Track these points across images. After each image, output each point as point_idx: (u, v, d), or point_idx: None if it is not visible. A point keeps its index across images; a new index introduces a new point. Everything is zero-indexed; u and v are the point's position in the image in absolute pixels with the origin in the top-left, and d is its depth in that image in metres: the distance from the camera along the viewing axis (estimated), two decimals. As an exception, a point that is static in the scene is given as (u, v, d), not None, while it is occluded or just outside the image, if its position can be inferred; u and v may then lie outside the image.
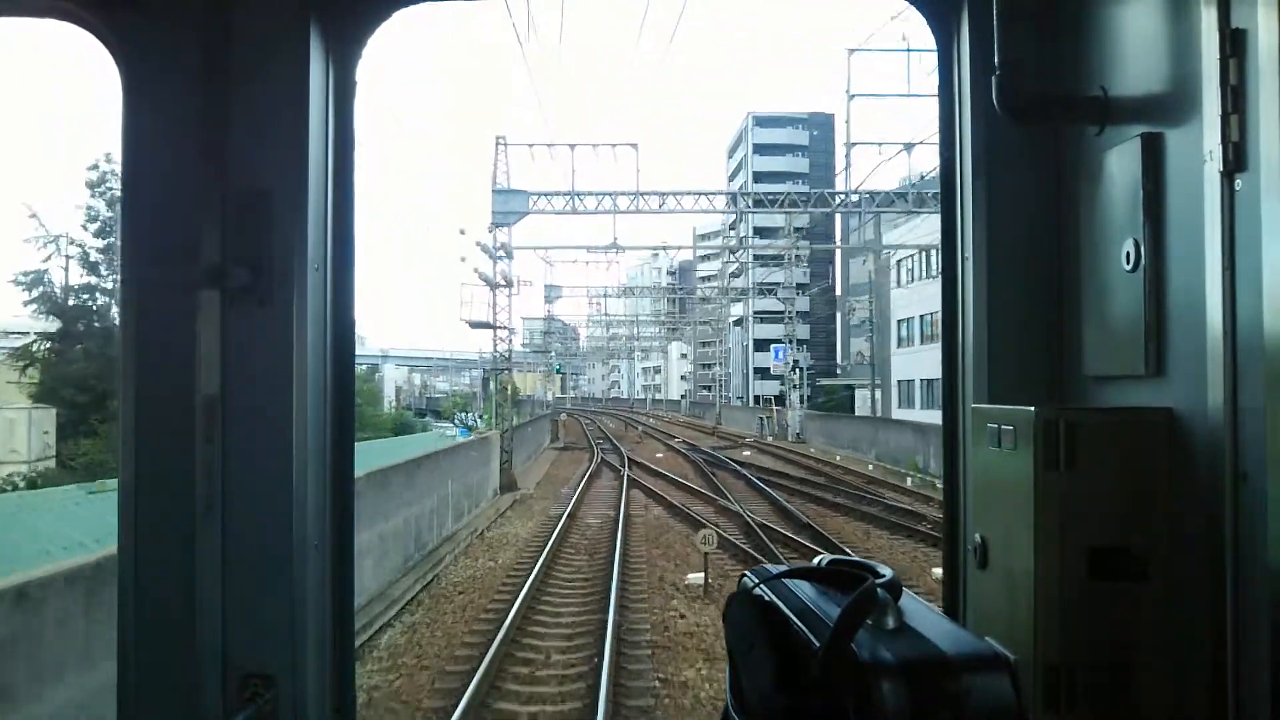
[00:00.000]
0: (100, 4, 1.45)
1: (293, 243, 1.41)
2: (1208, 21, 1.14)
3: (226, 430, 1.39)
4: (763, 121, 74.17)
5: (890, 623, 1.00)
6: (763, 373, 69.83)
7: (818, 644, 0.99)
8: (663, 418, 67.80)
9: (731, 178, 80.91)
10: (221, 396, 1.39)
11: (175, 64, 1.41)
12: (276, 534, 1.40)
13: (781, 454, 29.90)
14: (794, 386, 38.33)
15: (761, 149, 73.13)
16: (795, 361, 38.96)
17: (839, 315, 61.85)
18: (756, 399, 68.00)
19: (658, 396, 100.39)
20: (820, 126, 72.11)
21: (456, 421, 37.13)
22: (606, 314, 46.25)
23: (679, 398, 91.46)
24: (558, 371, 64.45)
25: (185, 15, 1.41)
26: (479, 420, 36.97)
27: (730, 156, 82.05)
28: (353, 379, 1.60)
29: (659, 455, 29.49)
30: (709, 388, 78.80)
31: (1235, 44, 1.11)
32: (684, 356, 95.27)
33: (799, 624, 1.06)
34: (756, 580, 1.17)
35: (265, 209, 1.41)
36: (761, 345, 69.28)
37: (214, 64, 1.41)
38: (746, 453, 30.28)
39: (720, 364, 66.76)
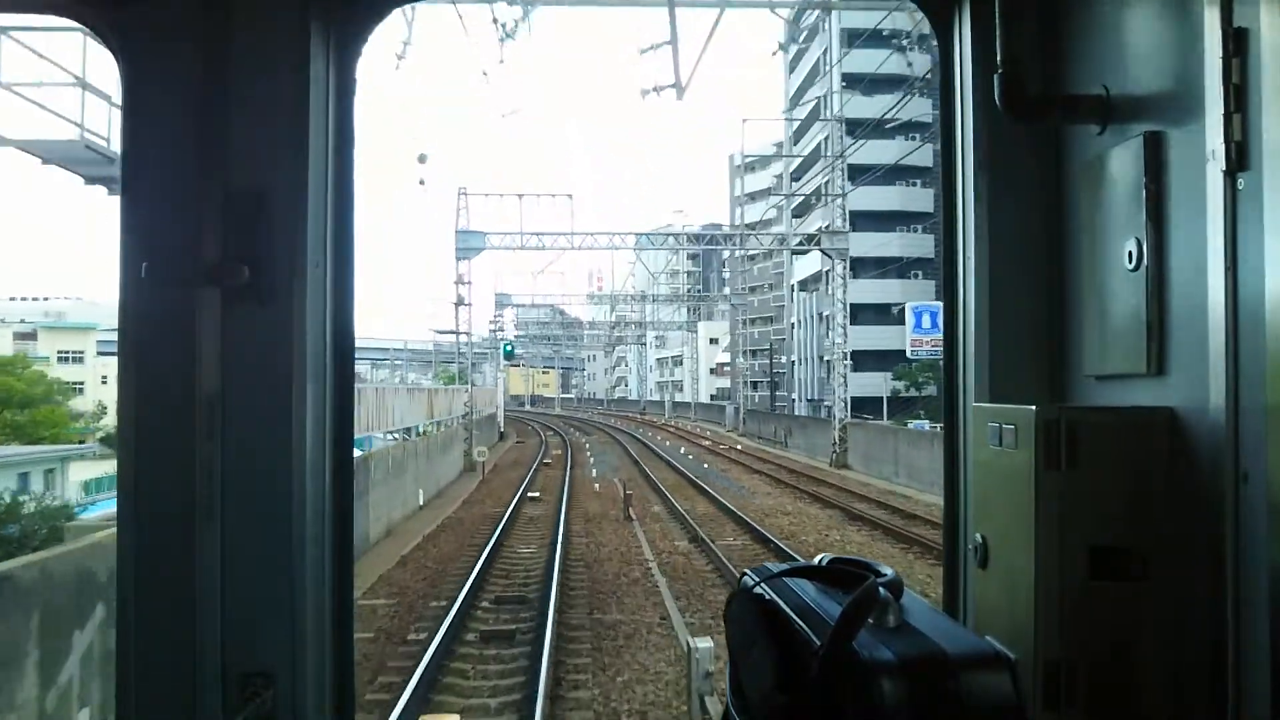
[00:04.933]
0: (101, 2, 1.92)
1: (293, 241, 1.91)
2: (1210, 20, 1.56)
3: (226, 429, 1.88)
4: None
5: (891, 621, 1.36)
6: (866, 359, 55.98)
7: (819, 643, 1.33)
8: (703, 440, 53.66)
9: (795, 86, 76.18)
10: (221, 395, 1.88)
11: (175, 62, 1.90)
12: (276, 532, 1.90)
13: None
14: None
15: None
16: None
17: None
18: (851, 406, 49.02)
19: (678, 397, 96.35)
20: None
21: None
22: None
23: (710, 399, 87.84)
24: (508, 354, 59.71)
25: (186, 13, 1.89)
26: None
27: (786, 50, 78.19)
28: (353, 378, 2.09)
29: None
30: (756, 384, 72.07)
31: (1238, 42, 1.52)
32: (714, 342, 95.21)
33: (800, 623, 1.42)
34: (757, 579, 1.57)
35: (265, 208, 1.89)
36: (858, 314, 56.61)
37: (214, 62, 1.89)
38: None
39: (793, 340, 60.90)
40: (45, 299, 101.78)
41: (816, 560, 1.58)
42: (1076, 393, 2.02)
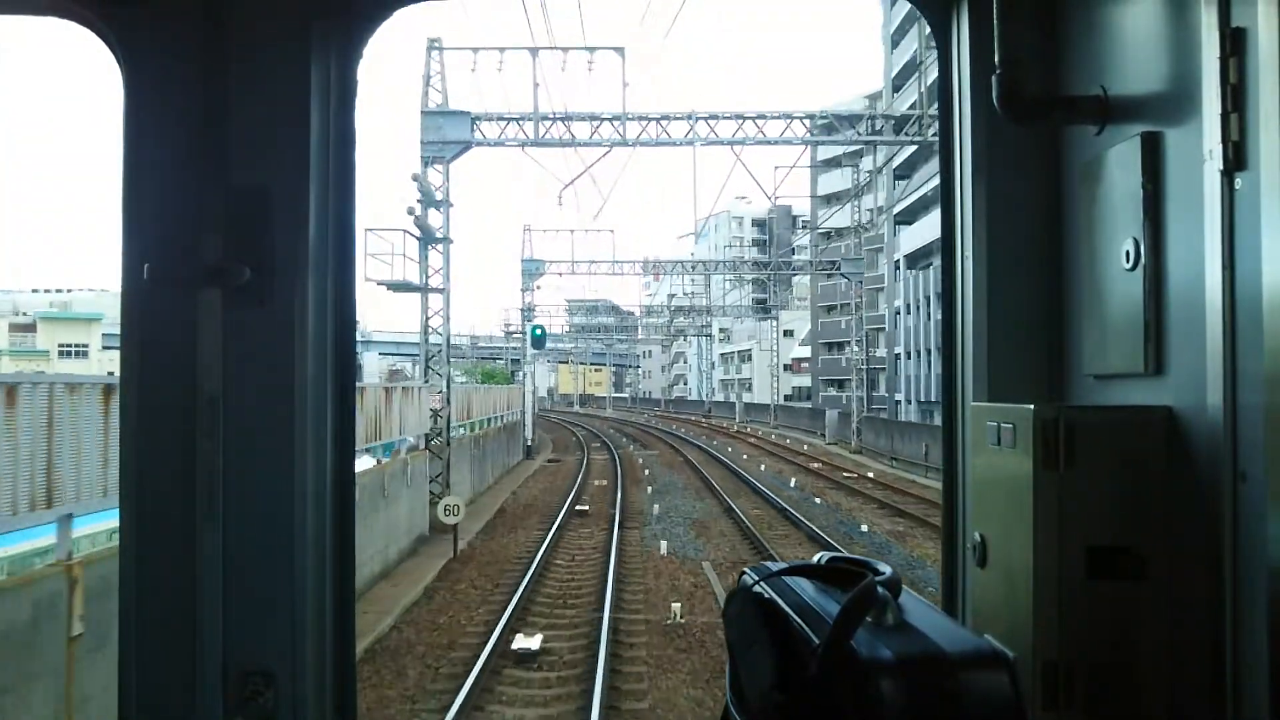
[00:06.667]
0: (102, 2, 2.00)
1: (293, 242, 1.98)
2: (1208, 20, 1.61)
3: (227, 428, 1.97)
4: None
5: (890, 620, 1.39)
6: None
7: (817, 641, 1.35)
8: (809, 459, 39.62)
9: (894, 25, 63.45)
10: (222, 395, 1.96)
11: (176, 62, 1.98)
12: (277, 531, 1.98)
13: None
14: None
15: None
16: None
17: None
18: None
19: (746, 397, 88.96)
20: None
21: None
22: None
23: (784, 399, 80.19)
24: (537, 340, 44.37)
25: (187, 13, 1.97)
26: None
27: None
28: (353, 378, 2.15)
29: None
30: (841, 383, 58.83)
31: (1235, 43, 1.56)
32: (789, 334, 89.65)
33: (799, 621, 1.45)
34: (756, 577, 1.59)
35: (265, 208, 1.97)
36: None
37: (215, 62, 1.97)
38: None
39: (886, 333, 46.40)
40: (69, 290, 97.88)
41: (815, 559, 1.63)
42: (1075, 392, 2.08)
